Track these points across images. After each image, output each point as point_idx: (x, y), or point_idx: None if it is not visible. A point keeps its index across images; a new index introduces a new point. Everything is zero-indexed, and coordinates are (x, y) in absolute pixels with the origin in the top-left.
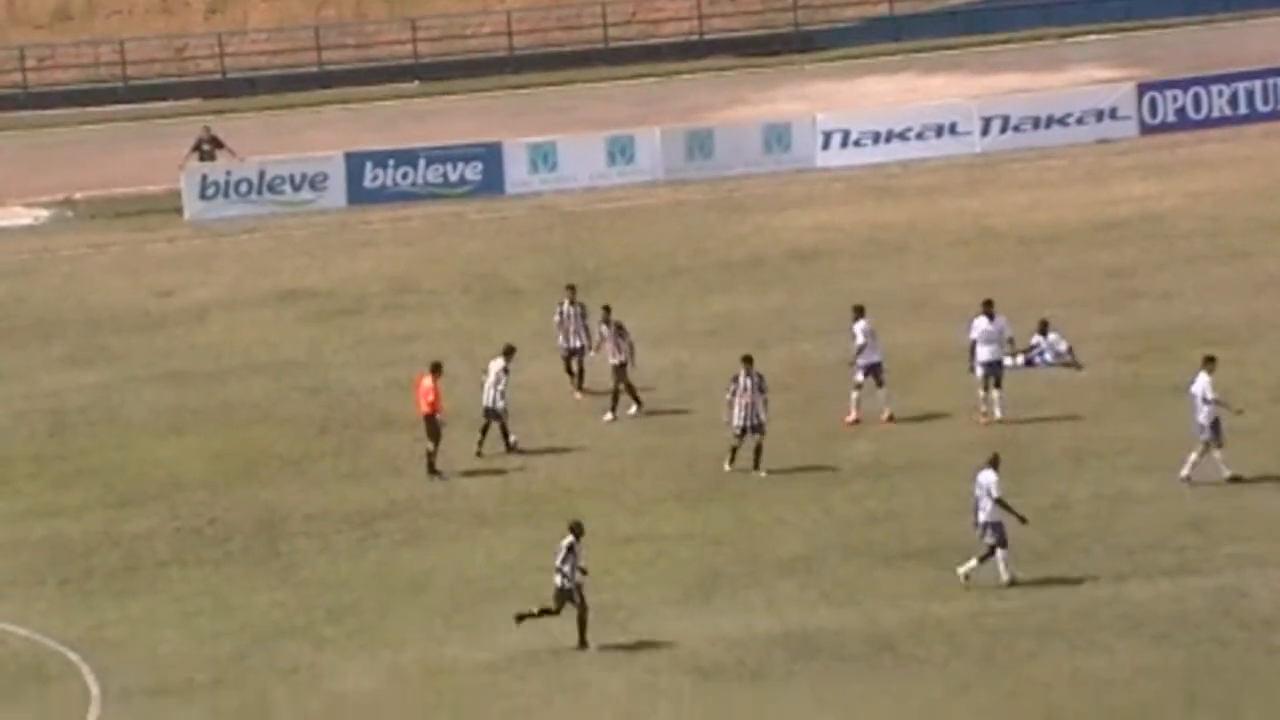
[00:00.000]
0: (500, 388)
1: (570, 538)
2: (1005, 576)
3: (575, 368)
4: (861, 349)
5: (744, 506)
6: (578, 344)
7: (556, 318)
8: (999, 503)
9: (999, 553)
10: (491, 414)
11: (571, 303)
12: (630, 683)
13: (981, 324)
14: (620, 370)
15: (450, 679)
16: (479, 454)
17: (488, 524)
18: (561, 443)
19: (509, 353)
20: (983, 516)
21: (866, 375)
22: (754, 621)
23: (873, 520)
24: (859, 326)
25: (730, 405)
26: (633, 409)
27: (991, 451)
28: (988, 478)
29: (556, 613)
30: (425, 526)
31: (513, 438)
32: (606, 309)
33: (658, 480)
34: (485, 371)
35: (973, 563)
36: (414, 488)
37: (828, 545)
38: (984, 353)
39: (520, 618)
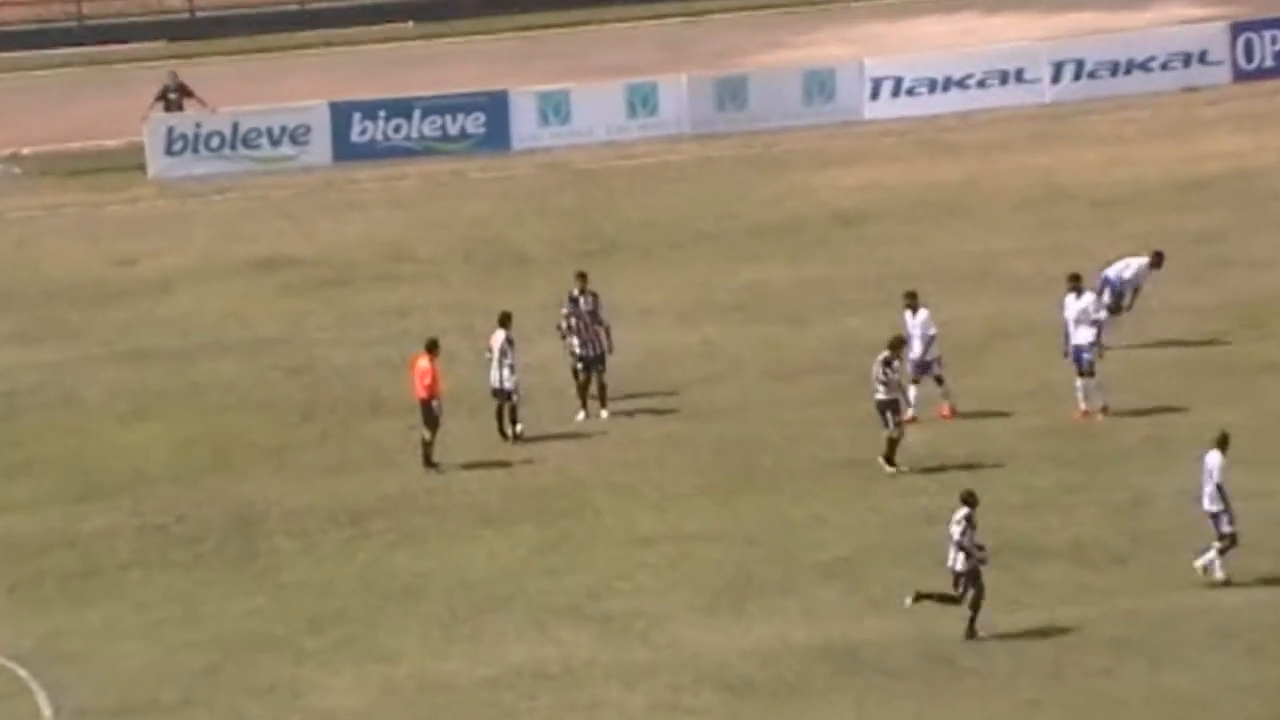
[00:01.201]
0: (509, 362)
1: (965, 509)
2: (1220, 575)
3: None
4: (932, 341)
5: (780, 502)
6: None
7: (565, 310)
8: (1218, 490)
9: (1214, 546)
10: (502, 394)
11: (582, 292)
12: (651, 701)
13: (1070, 302)
14: (599, 364)
15: (449, 696)
16: (515, 438)
17: (491, 522)
18: (573, 429)
19: (506, 321)
20: (1207, 504)
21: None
22: (790, 631)
23: (927, 518)
24: (924, 317)
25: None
26: (580, 414)
27: (1220, 430)
28: (1213, 460)
29: (959, 600)
30: (421, 525)
31: (519, 426)
32: (573, 300)
33: (682, 472)
34: (488, 349)
35: (1210, 554)
36: (408, 481)
37: (875, 546)
38: (1075, 335)
39: (919, 597)
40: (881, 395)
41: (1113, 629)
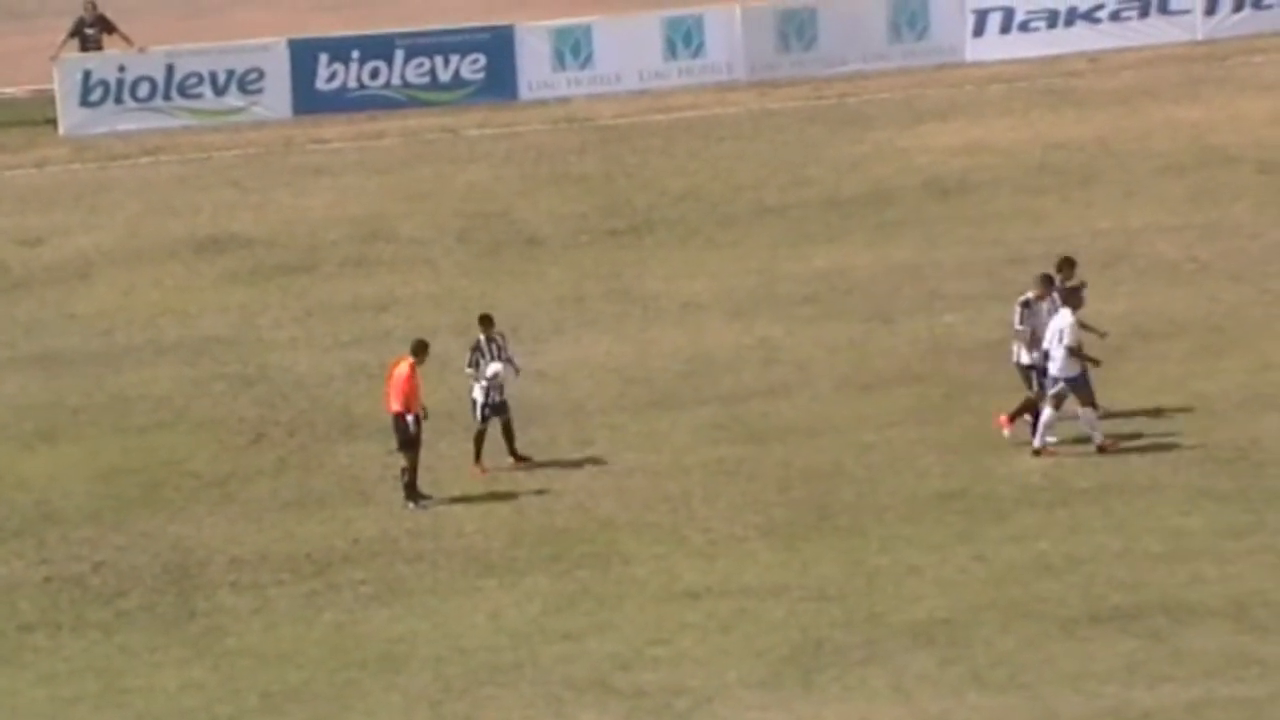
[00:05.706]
0: (507, 358)
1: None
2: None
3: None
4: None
5: (860, 548)
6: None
7: (1019, 317)
8: None
9: None
10: (497, 407)
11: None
12: None
13: None
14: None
15: None
16: (517, 458)
17: (492, 572)
18: (598, 453)
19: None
20: None
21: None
22: (876, 711)
23: (1045, 568)
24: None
25: None
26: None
27: None
28: None
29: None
30: (403, 576)
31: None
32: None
33: (737, 509)
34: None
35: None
36: (387, 520)
37: (980, 603)
38: None
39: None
40: None
41: None
